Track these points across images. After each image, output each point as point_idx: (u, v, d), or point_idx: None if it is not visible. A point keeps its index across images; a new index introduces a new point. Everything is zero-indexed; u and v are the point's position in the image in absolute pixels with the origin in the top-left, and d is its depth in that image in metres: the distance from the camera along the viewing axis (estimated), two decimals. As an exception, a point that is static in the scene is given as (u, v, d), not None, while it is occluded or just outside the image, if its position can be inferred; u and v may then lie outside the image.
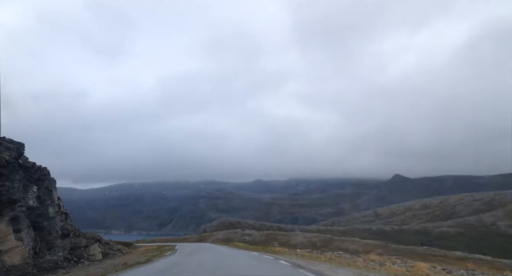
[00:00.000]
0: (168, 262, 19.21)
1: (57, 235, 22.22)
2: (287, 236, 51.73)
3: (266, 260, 18.39)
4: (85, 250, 25.74)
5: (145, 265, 18.47)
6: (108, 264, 21.73)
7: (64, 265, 21.20)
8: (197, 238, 68.88)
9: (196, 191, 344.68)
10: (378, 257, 23.89)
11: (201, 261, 19.08)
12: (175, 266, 16.89)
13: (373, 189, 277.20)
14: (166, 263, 18.67)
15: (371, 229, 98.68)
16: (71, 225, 27.03)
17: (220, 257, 22.00)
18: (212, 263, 17.31)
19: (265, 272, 13.05)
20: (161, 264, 18.32)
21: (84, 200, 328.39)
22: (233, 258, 20.96)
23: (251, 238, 52.08)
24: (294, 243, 44.70)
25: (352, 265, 16.40)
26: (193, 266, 16.44)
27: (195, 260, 19.49)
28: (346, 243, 42.86)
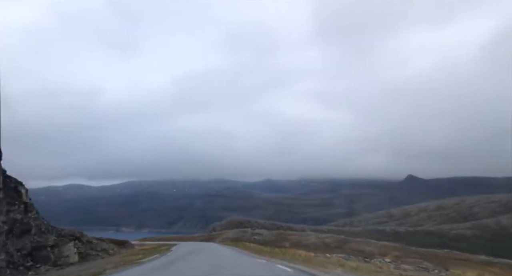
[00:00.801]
0: (145, 270, 16.36)
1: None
2: (298, 236, 49.72)
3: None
4: (52, 250, 20.83)
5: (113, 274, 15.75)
6: (75, 270, 17.80)
7: (6, 273, 15.95)
8: (205, 237, 67.23)
9: (206, 189, 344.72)
10: (405, 263, 21.76)
11: (185, 269, 16.53)
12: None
13: (384, 190, 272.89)
14: (140, 271, 15.89)
15: (384, 230, 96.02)
16: (36, 219, 21.81)
17: (214, 265, 17.43)
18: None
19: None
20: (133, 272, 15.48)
21: (95, 197, 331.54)
22: (235, 268, 16.54)
23: (261, 237, 50.22)
24: (306, 244, 42.71)
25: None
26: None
27: (178, 268, 16.84)
28: (361, 245, 40.73)
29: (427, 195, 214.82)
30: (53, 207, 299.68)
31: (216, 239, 59.76)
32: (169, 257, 23.67)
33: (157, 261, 20.66)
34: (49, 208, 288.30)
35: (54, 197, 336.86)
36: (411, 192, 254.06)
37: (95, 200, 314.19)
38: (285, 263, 17.82)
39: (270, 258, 21.05)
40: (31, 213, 21.60)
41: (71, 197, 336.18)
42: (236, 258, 22.11)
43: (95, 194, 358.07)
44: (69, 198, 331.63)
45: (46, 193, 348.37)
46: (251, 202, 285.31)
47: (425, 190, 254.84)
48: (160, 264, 19.00)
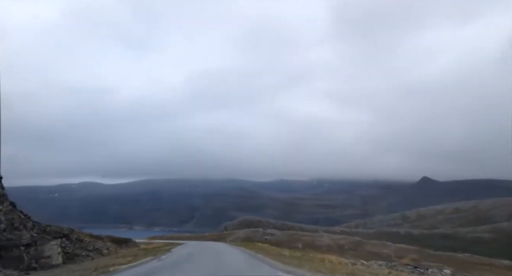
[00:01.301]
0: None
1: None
2: (311, 237, 48.33)
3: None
4: (27, 250, 17.61)
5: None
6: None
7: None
8: (216, 236, 66.38)
9: (218, 189, 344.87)
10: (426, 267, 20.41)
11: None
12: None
13: (399, 192, 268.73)
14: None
15: (398, 232, 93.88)
16: (9, 212, 18.96)
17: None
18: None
19: None
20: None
21: (108, 195, 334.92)
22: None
23: (273, 238, 49.06)
24: (319, 245, 41.42)
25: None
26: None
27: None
28: (377, 247, 39.24)
29: (443, 198, 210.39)
30: (67, 204, 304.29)
31: (227, 239, 58.81)
32: (161, 262, 19.49)
33: (141, 268, 16.80)
34: (63, 205, 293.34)
35: (67, 194, 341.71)
36: (426, 194, 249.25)
37: (108, 198, 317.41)
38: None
39: (299, 268, 16.14)
40: (1, 205, 18.70)
41: (84, 194, 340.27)
42: (250, 267, 17.57)
43: (108, 192, 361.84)
44: (82, 195, 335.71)
45: (60, 191, 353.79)
46: (263, 202, 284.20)
47: (440, 193, 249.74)
48: (151, 269, 16.10)
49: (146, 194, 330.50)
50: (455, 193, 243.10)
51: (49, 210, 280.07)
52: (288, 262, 19.02)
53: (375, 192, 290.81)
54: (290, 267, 16.47)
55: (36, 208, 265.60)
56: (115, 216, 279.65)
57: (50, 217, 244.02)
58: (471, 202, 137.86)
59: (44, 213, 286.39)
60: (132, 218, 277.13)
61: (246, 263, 19.74)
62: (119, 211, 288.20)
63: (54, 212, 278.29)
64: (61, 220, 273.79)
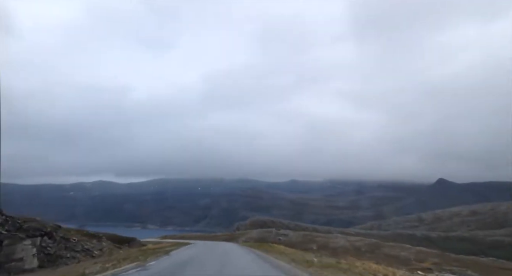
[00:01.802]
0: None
1: None
2: (326, 238, 47.17)
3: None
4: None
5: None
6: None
7: None
8: (228, 236, 65.45)
9: (230, 188, 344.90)
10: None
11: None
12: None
13: (414, 193, 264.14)
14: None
15: (415, 235, 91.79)
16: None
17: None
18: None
19: None
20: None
21: (122, 194, 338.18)
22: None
23: (286, 238, 48.06)
24: (334, 247, 40.25)
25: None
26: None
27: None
28: (396, 250, 37.91)
29: (459, 200, 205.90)
30: (82, 203, 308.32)
31: (239, 239, 57.79)
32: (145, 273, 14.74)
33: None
34: (77, 204, 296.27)
35: (82, 193, 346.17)
36: (442, 196, 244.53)
37: (122, 197, 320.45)
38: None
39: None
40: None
41: (99, 193, 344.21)
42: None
43: (123, 191, 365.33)
44: (97, 194, 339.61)
45: (76, 189, 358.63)
46: (275, 202, 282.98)
47: (456, 195, 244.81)
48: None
49: (159, 194, 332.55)
50: (472, 195, 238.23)
51: (63, 208, 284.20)
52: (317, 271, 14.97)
53: (388, 194, 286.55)
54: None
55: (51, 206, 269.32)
56: (129, 215, 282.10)
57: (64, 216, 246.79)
58: (488, 204, 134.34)
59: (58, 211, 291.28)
60: (146, 217, 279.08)
61: (250, 261, 17.84)
62: (133, 210, 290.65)
63: (69, 210, 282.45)
64: (75, 218, 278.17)
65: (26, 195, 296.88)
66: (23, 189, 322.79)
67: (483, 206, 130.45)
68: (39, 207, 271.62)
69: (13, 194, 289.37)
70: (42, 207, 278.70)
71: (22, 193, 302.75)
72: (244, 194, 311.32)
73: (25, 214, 20.11)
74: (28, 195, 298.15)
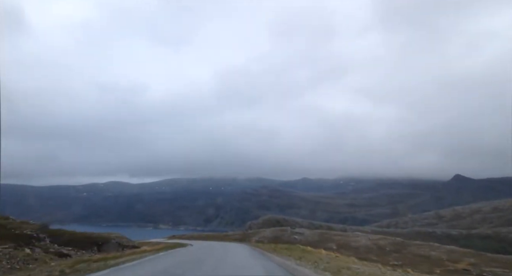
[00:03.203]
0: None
1: None
2: (345, 237, 44.12)
3: None
4: None
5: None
6: None
7: None
8: (240, 236, 61.97)
9: (242, 187, 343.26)
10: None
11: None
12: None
13: (430, 190, 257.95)
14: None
15: (435, 232, 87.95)
16: None
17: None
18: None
19: None
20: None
21: (135, 194, 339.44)
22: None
23: (302, 237, 45.20)
24: (355, 246, 37.30)
25: None
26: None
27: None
28: (424, 249, 34.84)
29: (477, 196, 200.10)
30: (95, 203, 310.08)
31: (252, 238, 54.29)
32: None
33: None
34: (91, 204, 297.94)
35: (96, 193, 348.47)
36: (459, 192, 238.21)
37: (134, 197, 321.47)
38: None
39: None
40: None
41: (112, 194, 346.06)
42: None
43: (135, 191, 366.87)
44: (110, 195, 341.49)
45: (89, 190, 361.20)
46: (287, 200, 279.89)
47: (474, 191, 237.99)
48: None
49: (171, 193, 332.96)
50: (490, 191, 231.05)
51: (76, 209, 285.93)
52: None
53: (404, 191, 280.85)
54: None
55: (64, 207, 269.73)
56: (141, 215, 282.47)
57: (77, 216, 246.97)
58: (509, 200, 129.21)
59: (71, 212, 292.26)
60: (158, 217, 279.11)
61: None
62: (145, 210, 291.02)
63: (82, 211, 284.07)
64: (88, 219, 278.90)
65: (40, 197, 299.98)
66: (38, 190, 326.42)
67: (504, 202, 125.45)
68: (53, 208, 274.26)
69: (27, 196, 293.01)
70: (56, 208, 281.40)
71: (36, 194, 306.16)
72: (256, 193, 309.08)
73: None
74: (42, 196, 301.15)
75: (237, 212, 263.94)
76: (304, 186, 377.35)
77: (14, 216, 31.37)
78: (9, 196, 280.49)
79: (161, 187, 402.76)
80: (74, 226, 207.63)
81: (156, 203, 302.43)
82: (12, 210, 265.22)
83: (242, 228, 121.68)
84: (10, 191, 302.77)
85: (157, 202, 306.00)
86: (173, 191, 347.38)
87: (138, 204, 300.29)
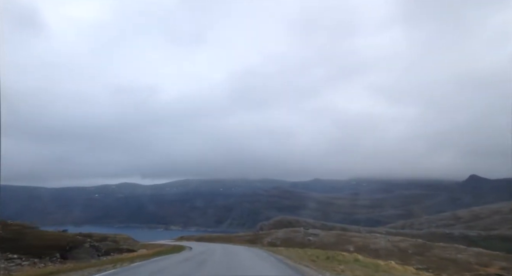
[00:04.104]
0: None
1: None
2: (363, 238, 41.92)
3: None
4: None
5: None
6: None
7: None
8: (251, 237, 59.29)
9: (252, 189, 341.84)
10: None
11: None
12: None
13: (445, 190, 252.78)
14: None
15: (452, 234, 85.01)
16: None
17: None
18: None
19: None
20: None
21: (146, 195, 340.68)
22: None
23: (317, 239, 43.16)
24: (375, 248, 35.25)
25: None
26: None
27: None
28: (449, 251, 32.63)
29: (493, 197, 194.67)
30: (107, 204, 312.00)
31: (264, 240, 51.31)
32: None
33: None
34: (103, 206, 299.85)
35: (107, 195, 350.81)
36: (474, 193, 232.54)
37: (146, 198, 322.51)
38: None
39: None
40: None
41: (123, 195, 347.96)
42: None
43: (146, 192, 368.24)
44: (121, 196, 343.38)
45: (101, 191, 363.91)
46: (299, 201, 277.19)
47: (490, 191, 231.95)
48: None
49: (182, 195, 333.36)
50: (507, 192, 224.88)
51: (88, 211, 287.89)
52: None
53: (417, 192, 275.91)
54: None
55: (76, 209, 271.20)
56: (152, 216, 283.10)
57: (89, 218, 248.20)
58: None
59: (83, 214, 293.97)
60: (169, 218, 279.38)
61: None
62: (156, 212, 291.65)
63: (93, 213, 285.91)
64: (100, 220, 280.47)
65: (53, 198, 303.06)
66: (51, 192, 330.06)
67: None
68: (65, 210, 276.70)
69: (41, 197, 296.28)
70: (68, 210, 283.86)
71: (49, 196, 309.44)
72: (267, 194, 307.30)
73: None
74: (55, 198, 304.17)
75: (248, 213, 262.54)
76: (316, 187, 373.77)
77: (25, 218, 29.53)
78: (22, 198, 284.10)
79: (172, 188, 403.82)
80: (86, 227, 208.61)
81: (167, 204, 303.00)
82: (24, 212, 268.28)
83: (253, 229, 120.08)
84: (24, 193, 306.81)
85: (168, 203, 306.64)
86: (184, 192, 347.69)
87: (149, 205, 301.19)
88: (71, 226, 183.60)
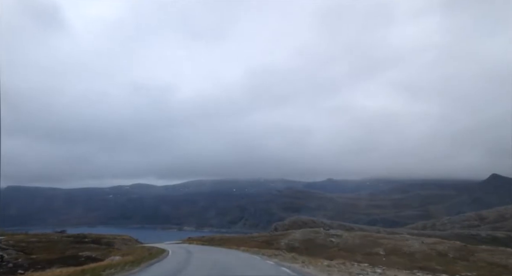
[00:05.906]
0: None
1: None
2: (393, 240, 38.18)
3: None
4: None
5: None
6: None
7: None
8: (267, 238, 52.85)
9: (266, 189, 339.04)
10: None
11: None
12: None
13: (465, 190, 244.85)
14: None
15: (479, 235, 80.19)
16: None
17: None
18: None
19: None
20: None
21: (160, 196, 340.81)
22: None
23: (340, 240, 39.68)
24: (409, 251, 31.73)
25: None
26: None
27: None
28: (498, 256, 28.97)
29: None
30: (121, 205, 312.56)
31: (280, 241, 44.89)
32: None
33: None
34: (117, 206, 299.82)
35: (121, 195, 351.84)
36: (496, 192, 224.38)
37: (159, 199, 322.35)
38: None
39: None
40: None
41: (137, 196, 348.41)
42: None
43: (160, 193, 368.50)
44: (135, 197, 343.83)
45: (115, 192, 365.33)
46: (313, 202, 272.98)
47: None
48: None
49: (196, 195, 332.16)
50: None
51: (102, 211, 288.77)
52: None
53: (436, 192, 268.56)
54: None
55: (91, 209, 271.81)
56: (166, 217, 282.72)
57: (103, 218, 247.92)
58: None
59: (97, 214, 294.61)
60: (183, 218, 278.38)
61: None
62: (170, 212, 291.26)
63: (109, 213, 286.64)
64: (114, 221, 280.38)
65: (68, 199, 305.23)
66: (66, 193, 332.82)
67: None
68: (80, 211, 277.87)
69: (55, 198, 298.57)
70: (82, 211, 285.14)
71: (64, 197, 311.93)
72: (281, 195, 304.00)
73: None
74: (70, 199, 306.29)
75: (261, 214, 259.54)
76: (330, 187, 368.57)
77: (41, 219, 26.45)
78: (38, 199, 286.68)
79: (185, 189, 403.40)
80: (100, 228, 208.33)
81: (181, 205, 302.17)
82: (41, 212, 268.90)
83: (267, 229, 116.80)
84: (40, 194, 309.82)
85: (181, 203, 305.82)
86: (197, 192, 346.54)
87: (163, 206, 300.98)
88: (85, 227, 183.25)
